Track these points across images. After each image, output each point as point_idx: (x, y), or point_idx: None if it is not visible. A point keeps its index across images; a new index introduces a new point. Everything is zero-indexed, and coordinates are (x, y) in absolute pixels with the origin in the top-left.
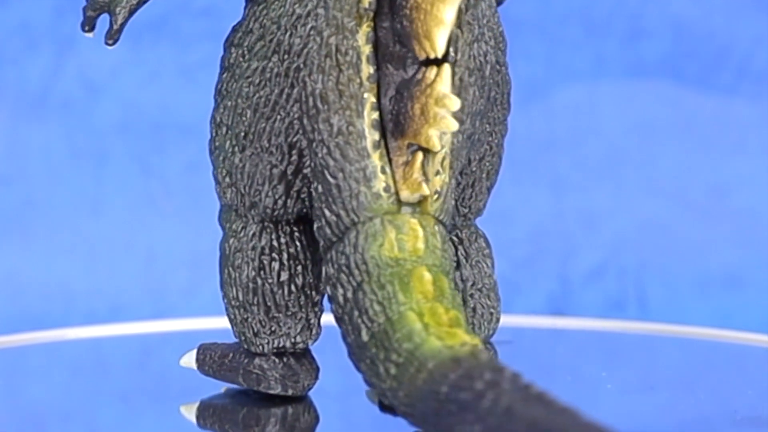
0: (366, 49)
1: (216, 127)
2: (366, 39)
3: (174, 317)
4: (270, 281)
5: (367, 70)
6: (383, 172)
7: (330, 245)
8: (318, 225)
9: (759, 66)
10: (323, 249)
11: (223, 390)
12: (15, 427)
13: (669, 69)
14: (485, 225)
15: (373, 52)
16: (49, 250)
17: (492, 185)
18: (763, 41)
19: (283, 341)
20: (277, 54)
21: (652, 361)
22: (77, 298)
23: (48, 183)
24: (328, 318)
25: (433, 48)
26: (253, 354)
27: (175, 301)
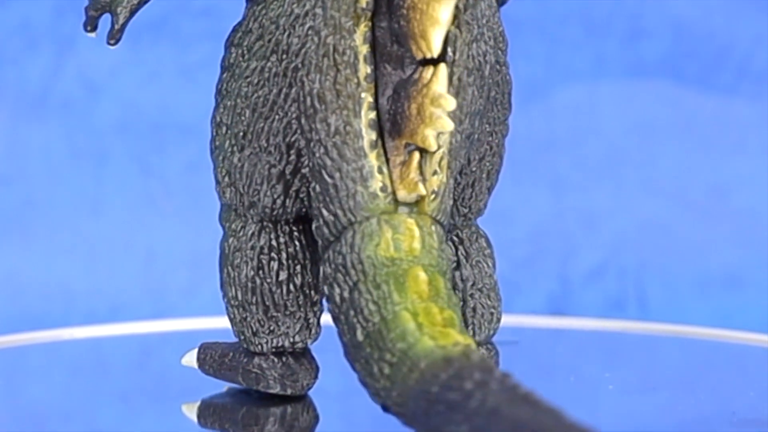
0: (363, 49)
1: (216, 127)
2: (363, 39)
3: (174, 317)
4: (268, 281)
5: (365, 69)
6: (380, 171)
7: (328, 245)
8: (316, 224)
9: (759, 66)
10: (321, 248)
11: (225, 389)
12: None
13: (669, 69)
14: (485, 225)
15: (371, 51)
16: (49, 250)
17: (493, 185)
18: (763, 41)
19: (282, 340)
20: (276, 54)
21: (652, 361)
22: (77, 298)
23: (48, 183)
24: (328, 318)
25: (429, 48)
26: (253, 353)
27: (175, 301)
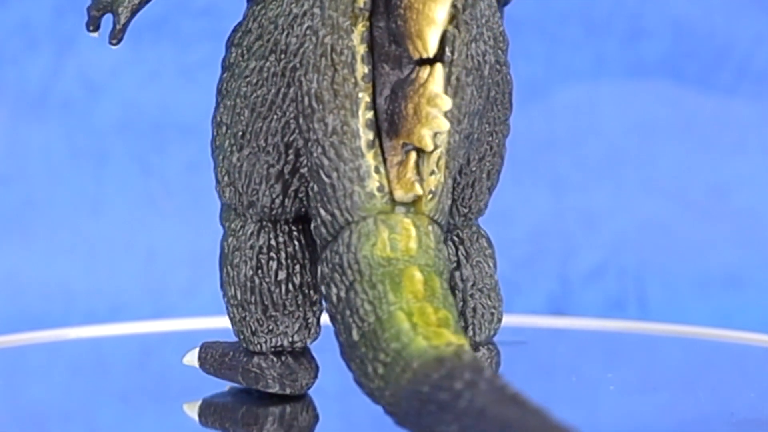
0: (361, 49)
1: (216, 127)
2: (361, 39)
3: (174, 317)
4: (267, 280)
5: (362, 69)
6: (377, 171)
7: (325, 244)
8: (314, 224)
9: (759, 66)
10: (320, 248)
11: (227, 388)
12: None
13: (669, 69)
14: (485, 225)
15: (368, 51)
16: (49, 250)
17: (493, 185)
18: (763, 41)
19: (281, 340)
20: (274, 53)
21: (652, 361)
22: (77, 298)
23: (48, 183)
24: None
25: (425, 47)
26: (252, 353)
27: (175, 301)
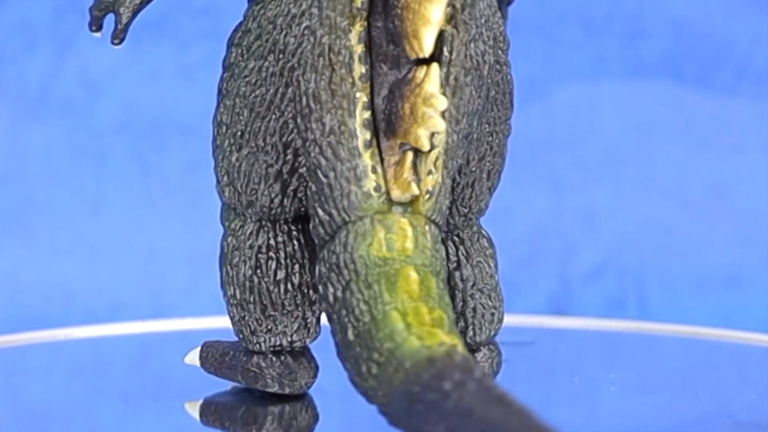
0: (358, 49)
1: (217, 126)
2: (358, 38)
3: (174, 317)
4: (266, 279)
5: (360, 69)
6: (374, 171)
7: (323, 244)
8: (312, 224)
9: (759, 66)
10: (318, 248)
11: (230, 387)
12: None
13: (669, 69)
14: (485, 224)
15: (366, 51)
16: (49, 250)
17: (494, 185)
18: (763, 41)
19: (280, 339)
20: (273, 53)
21: (652, 361)
22: (77, 298)
23: (48, 183)
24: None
25: (421, 47)
26: (252, 352)
27: (175, 301)
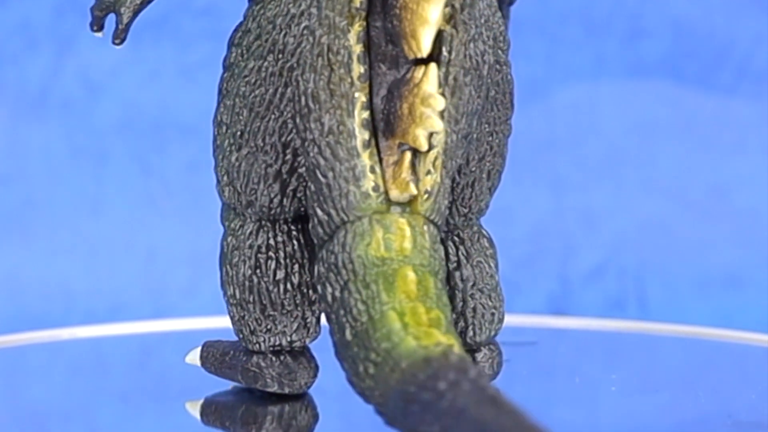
0: (357, 49)
1: (217, 126)
2: (357, 38)
3: (174, 317)
4: (266, 279)
5: (358, 69)
6: (372, 171)
7: (322, 244)
8: (311, 224)
9: (759, 66)
10: (317, 248)
11: (231, 387)
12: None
13: (669, 69)
14: (485, 224)
15: (365, 51)
16: (49, 250)
17: (494, 185)
18: (763, 41)
19: (280, 339)
20: (272, 53)
21: (652, 361)
22: (77, 298)
23: (48, 183)
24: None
25: (419, 47)
26: (252, 352)
27: (176, 301)
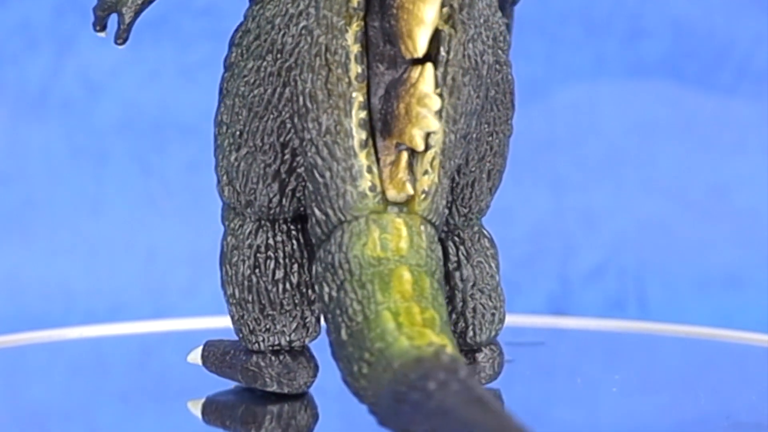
0: (355, 49)
1: (218, 126)
2: (355, 38)
3: (174, 317)
4: (265, 279)
5: (356, 69)
6: (369, 171)
7: (320, 244)
8: (309, 223)
9: (759, 66)
10: (315, 247)
11: (233, 386)
12: (15, 427)
13: (669, 69)
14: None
15: (362, 51)
16: (49, 250)
17: (495, 186)
18: (763, 41)
19: (279, 339)
20: (271, 53)
21: (652, 361)
22: (77, 298)
23: (48, 183)
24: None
25: (414, 47)
26: (251, 351)
27: (176, 301)
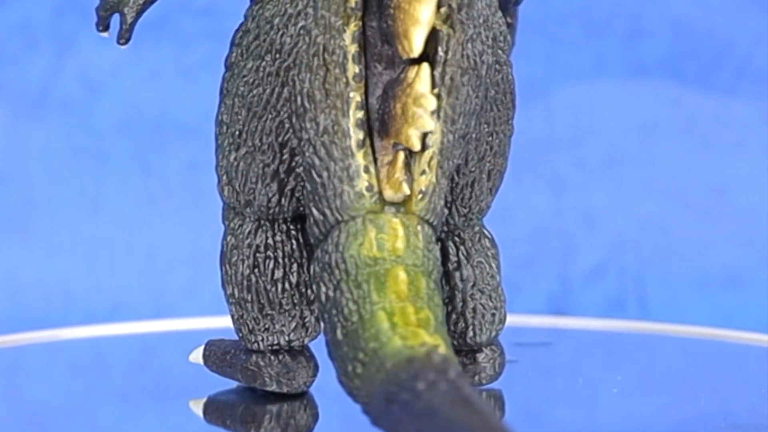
0: (352, 48)
1: (218, 126)
2: (352, 38)
3: (174, 317)
4: (264, 278)
5: (353, 69)
6: (366, 171)
7: (317, 243)
8: (308, 223)
9: (759, 66)
10: (314, 247)
11: (236, 386)
12: (15, 427)
13: (669, 69)
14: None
15: (360, 51)
16: (49, 250)
17: (495, 186)
18: (763, 41)
19: (278, 338)
20: (270, 53)
21: (652, 361)
22: (77, 298)
23: (48, 183)
24: None
25: (410, 47)
26: (251, 351)
27: (176, 301)
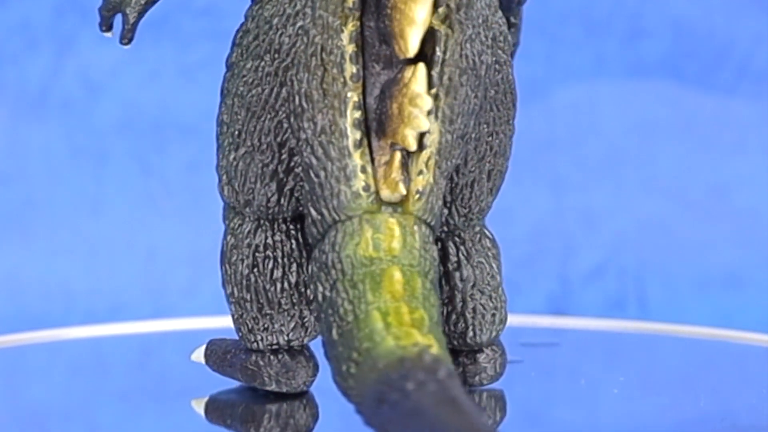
0: (350, 48)
1: (219, 126)
2: (350, 38)
3: (174, 317)
4: (263, 278)
5: (351, 69)
6: (363, 171)
7: (315, 243)
8: (306, 223)
9: (759, 66)
10: (312, 247)
11: (237, 385)
12: (15, 427)
13: (669, 69)
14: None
15: (358, 51)
16: (49, 250)
17: (496, 186)
18: (763, 41)
19: (277, 338)
20: (269, 53)
21: (652, 361)
22: (77, 298)
23: (48, 183)
24: None
25: (406, 47)
26: (251, 350)
27: (176, 301)
